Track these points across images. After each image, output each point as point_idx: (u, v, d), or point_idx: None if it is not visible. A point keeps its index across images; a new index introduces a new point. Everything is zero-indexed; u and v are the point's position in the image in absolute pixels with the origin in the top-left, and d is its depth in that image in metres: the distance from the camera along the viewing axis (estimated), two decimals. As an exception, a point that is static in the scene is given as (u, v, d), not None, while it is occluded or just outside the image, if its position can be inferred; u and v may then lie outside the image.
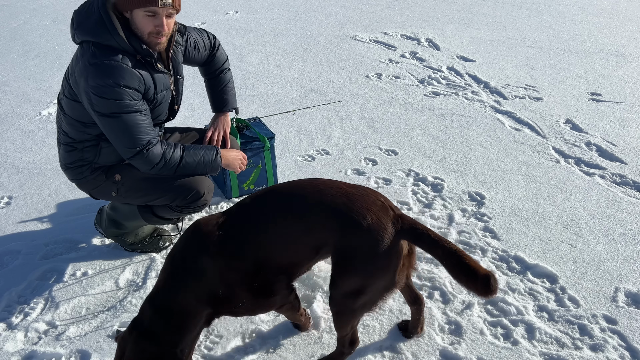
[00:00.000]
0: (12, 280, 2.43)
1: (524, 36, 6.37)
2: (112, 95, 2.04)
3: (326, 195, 1.72)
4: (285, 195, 1.80)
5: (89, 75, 2.03)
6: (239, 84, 4.88)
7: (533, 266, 2.47)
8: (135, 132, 2.11)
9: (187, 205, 2.37)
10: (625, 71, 5.16)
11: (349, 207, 1.68)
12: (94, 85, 2.02)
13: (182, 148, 2.27)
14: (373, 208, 1.69)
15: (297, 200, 1.75)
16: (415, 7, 7.89)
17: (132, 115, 2.10)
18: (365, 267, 1.67)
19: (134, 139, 2.12)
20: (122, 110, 2.07)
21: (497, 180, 3.23)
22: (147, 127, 2.16)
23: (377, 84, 4.87)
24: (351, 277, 1.69)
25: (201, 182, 2.35)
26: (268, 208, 1.77)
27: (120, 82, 2.04)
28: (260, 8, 7.89)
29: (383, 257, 1.66)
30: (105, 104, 2.05)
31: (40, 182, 3.25)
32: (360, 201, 1.70)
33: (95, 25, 2.05)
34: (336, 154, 3.59)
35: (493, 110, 4.28)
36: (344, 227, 1.67)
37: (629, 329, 2.11)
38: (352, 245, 1.67)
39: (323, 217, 1.70)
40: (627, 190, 3.13)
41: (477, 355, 2.00)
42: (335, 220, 1.68)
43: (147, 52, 2.12)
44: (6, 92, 4.75)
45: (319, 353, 2.01)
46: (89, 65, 2.03)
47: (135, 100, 2.11)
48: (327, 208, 1.70)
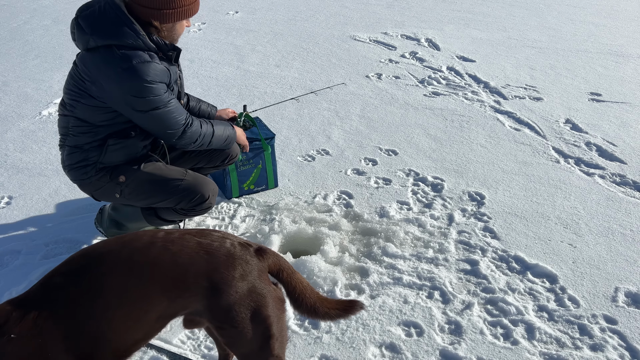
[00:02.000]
0: (13, 280, 2.43)
1: (524, 36, 6.36)
2: (151, 93, 2.10)
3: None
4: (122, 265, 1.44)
5: (123, 80, 2.05)
6: (239, 84, 4.88)
7: (533, 266, 2.47)
8: (175, 116, 2.22)
9: (192, 209, 2.38)
10: (625, 71, 5.16)
11: (209, 261, 1.45)
12: (132, 90, 2.07)
13: (208, 121, 2.40)
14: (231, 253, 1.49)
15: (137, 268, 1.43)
16: (415, 7, 7.89)
17: (169, 105, 2.19)
18: (263, 312, 1.50)
19: (176, 122, 2.23)
20: (161, 103, 2.15)
21: (497, 180, 3.24)
22: (179, 108, 2.26)
23: (377, 84, 4.87)
24: (254, 329, 1.49)
25: (206, 186, 2.37)
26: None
27: (155, 79, 2.11)
28: (260, 8, 7.89)
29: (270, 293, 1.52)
30: (146, 102, 2.11)
31: (40, 182, 3.25)
32: (216, 252, 1.48)
33: (115, 27, 2.03)
34: (336, 154, 3.59)
35: (493, 110, 4.28)
36: (212, 285, 1.44)
37: (628, 329, 2.11)
38: (231, 301, 1.45)
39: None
40: (627, 190, 3.13)
41: (477, 355, 2.00)
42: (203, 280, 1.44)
43: (172, 46, 2.23)
44: (6, 92, 4.75)
45: (319, 353, 2.01)
46: (123, 70, 2.03)
47: (167, 92, 2.19)
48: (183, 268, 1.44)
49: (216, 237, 1.52)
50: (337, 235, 2.67)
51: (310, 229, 2.70)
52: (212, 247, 1.48)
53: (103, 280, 1.39)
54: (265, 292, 1.50)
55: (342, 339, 2.07)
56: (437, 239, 2.68)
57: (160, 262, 1.43)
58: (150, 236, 1.48)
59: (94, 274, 1.39)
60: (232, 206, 2.98)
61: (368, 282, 2.37)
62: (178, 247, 1.45)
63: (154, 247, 1.44)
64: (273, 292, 1.54)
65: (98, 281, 1.38)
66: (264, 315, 1.50)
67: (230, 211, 2.94)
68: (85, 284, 1.38)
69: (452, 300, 2.27)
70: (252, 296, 1.47)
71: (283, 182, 3.24)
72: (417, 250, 2.59)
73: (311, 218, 2.83)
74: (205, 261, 1.45)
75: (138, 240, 1.47)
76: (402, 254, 2.55)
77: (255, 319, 1.49)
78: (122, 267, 1.41)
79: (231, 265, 1.46)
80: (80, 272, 1.40)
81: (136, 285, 1.40)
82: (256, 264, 1.51)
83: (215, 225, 2.81)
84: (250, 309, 1.47)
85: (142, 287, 1.40)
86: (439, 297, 2.29)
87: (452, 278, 2.40)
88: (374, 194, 3.11)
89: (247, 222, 2.84)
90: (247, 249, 1.53)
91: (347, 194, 3.11)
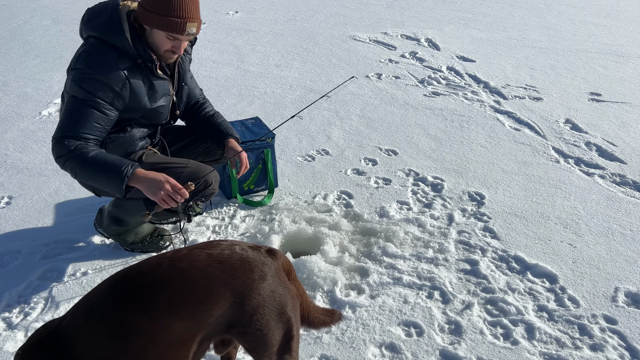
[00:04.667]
0: (13, 280, 2.43)
1: (524, 36, 6.36)
2: (86, 83, 2.11)
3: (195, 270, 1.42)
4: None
5: (79, 58, 2.14)
6: (239, 84, 4.88)
7: (533, 266, 2.47)
8: (76, 121, 2.11)
9: (195, 194, 2.37)
10: (625, 71, 5.16)
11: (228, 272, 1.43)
12: (78, 68, 2.12)
13: (100, 152, 2.14)
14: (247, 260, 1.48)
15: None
16: (415, 7, 7.89)
17: (86, 109, 2.12)
18: (286, 312, 1.49)
19: (71, 126, 2.11)
20: (83, 96, 2.12)
21: (497, 180, 3.24)
22: (93, 126, 2.13)
23: (377, 84, 4.87)
24: (278, 331, 1.48)
25: (209, 172, 2.37)
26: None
27: (100, 77, 2.11)
28: (260, 8, 7.89)
29: (287, 292, 1.52)
30: (76, 87, 2.12)
31: (40, 182, 3.25)
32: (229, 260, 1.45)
33: (104, 23, 2.14)
34: (336, 154, 3.59)
35: (493, 110, 4.28)
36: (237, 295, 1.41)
37: (628, 329, 2.11)
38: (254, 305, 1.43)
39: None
40: (627, 190, 3.13)
41: (477, 355, 2.00)
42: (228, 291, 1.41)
43: (149, 57, 2.20)
44: (6, 92, 4.75)
45: (319, 353, 2.01)
46: (83, 51, 2.14)
47: (102, 101, 2.14)
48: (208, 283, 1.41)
49: (225, 245, 1.50)
50: (337, 235, 2.67)
51: (310, 229, 2.70)
52: (224, 256, 1.45)
53: (105, 313, 1.34)
54: (286, 292, 1.49)
55: (342, 339, 2.06)
56: (437, 239, 2.68)
57: (167, 282, 1.38)
58: (158, 257, 1.45)
59: (99, 307, 1.36)
60: (232, 206, 2.98)
61: (368, 282, 2.37)
62: (187, 263, 1.41)
63: (160, 268, 1.41)
64: (292, 290, 1.52)
65: (103, 315, 1.34)
66: (287, 316, 1.48)
67: (230, 211, 2.94)
68: (95, 319, 1.34)
69: (452, 300, 2.27)
70: (274, 296, 1.45)
71: (283, 182, 3.24)
72: (417, 250, 2.59)
73: (311, 218, 2.83)
74: (219, 271, 1.41)
75: (146, 264, 1.44)
76: (402, 254, 2.55)
77: (279, 321, 1.47)
78: (126, 295, 1.36)
79: (248, 268, 1.44)
80: (88, 309, 1.36)
81: (139, 312, 1.33)
82: (272, 264, 1.50)
83: (215, 225, 2.81)
84: (274, 310, 1.45)
85: (146, 312, 1.33)
86: (439, 297, 2.29)
87: (452, 278, 2.40)
88: (374, 194, 3.11)
89: (247, 222, 2.84)
90: (259, 250, 1.52)
91: (347, 194, 3.11)
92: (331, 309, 1.73)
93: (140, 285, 1.37)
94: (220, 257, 1.45)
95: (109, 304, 1.35)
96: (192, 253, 1.46)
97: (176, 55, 2.26)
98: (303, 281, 2.36)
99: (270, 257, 1.52)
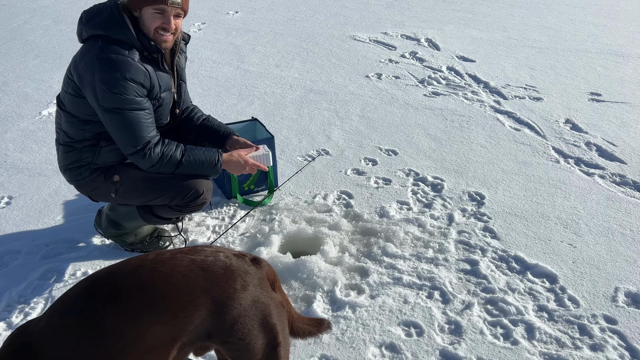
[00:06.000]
0: (13, 280, 2.43)
1: (524, 36, 6.37)
2: (118, 89, 2.07)
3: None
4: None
5: (95, 69, 2.07)
6: (239, 84, 4.88)
7: (533, 266, 2.47)
8: (137, 130, 2.15)
9: (187, 204, 2.37)
10: (625, 71, 5.16)
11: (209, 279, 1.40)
12: (100, 79, 2.06)
13: (183, 149, 2.28)
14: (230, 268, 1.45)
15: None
16: (415, 7, 7.89)
17: (135, 113, 2.14)
18: (269, 321, 1.48)
19: (136, 137, 2.16)
20: (125, 106, 2.11)
21: (497, 180, 3.24)
22: (149, 126, 2.19)
23: (377, 84, 4.87)
24: (261, 340, 1.46)
25: (200, 181, 2.36)
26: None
27: (126, 75, 2.08)
28: (260, 8, 7.89)
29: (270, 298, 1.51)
30: (111, 98, 2.08)
31: (40, 182, 3.25)
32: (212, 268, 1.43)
33: (106, 20, 2.11)
34: (336, 154, 3.59)
35: (493, 110, 4.28)
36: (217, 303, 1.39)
37: (628, 329, 2.11)
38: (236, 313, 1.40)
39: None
40: (627, 190, 3.13)
41: (477, 355, 2.00)
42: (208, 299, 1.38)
43: (155, 47, 2.18)
44: (6, 92, 4.75)
45: (319, 353, 2.01)
46: (96, 59, 2.07)
47: (140, 97, 2.15)
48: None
49: (209, 252, 1.47)
50: (337, 235, 2.67)
51: (310, 229, 2.70)
52: (207, 263, 1.42)
53: (84, 315, 1.31)
54: (269, 301, 1.47)
55: (342, 339, 2.07)
56: (437, 239, 2.68)
57: (148, 285, 1.35)
58: (140, 259, 1.43)
59: (77, 308, 1.33)
60: (232, 206, 2.98)
61: (368, 282, 2.37)
62: (169, 267, 1.39)
63: (141, 271, 1.38)
64: (275, 299, 1.51)
65: (81, 317, 1.31)
66: (270, 324, 1.46)
67: (230, 211, 2.94)
68: (72, 321, 1.31)
69: (452, 300, 2.27)
70: (256, 306, 1.44)
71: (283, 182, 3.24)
72: (417, 250, 2.59)
73: (311, 218, 2.83)
74: (201, 278, 1.39)
75: (126, 266, 1.41)
76: (402, 254, 2.55)
77: (262, 329, 1.45)
78: (106, 296, 1.33)
79: (230, 277, 1.42)
80: (65, 310, 1.34)
81: (119, 315, 1.31)
82: (255, 273, 1.49)
83: (215, 225, 2.81)
84: (255, 319, 1.43)
85: (126, 315, 1.31)
86: (439, 297, 2.29)
87: (452, 278, 2.40)
88: (374, 194, 3.11)
89: (247, 222, 2.84)
90: (242, 259, 1.49)
91: (347, 194, 3.11)
92: (319, 319, 1.71)
93: (120, 288, 1.35)
94: (204, 263, 1.43)
95: (86, 306, 1.33)
96: (175, 257, 1.43)
97: (169, 35, 2.18)
98: (303, 281, 2.36)
99: (255, 265, 1.51)
